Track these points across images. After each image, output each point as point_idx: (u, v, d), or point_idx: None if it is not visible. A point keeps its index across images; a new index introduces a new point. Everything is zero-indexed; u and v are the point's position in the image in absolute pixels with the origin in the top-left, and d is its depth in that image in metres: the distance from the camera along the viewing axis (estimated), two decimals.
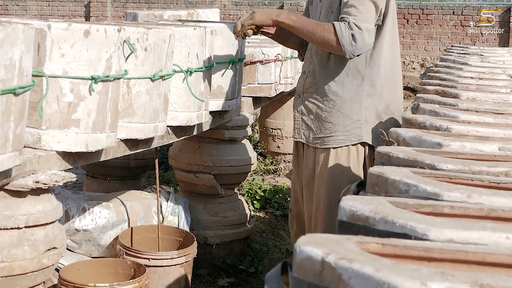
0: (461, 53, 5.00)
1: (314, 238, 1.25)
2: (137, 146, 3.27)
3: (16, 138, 2.34)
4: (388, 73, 3.19)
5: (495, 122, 2.39)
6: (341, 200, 1.46)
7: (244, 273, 4.58)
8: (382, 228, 1.36)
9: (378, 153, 1.95)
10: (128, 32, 2.96)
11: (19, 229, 2.60)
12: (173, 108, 3.46)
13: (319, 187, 3.20)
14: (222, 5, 16.09)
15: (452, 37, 14.86)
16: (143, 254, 3.67)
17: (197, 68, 3.53)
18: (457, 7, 15.20)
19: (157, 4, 16.53)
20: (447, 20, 14.98)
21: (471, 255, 1.20)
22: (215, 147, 4.63)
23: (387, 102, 3.18)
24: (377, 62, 3.15)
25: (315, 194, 3.21)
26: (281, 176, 6.86)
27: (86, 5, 17.18)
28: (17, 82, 2.28)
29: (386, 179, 1.65)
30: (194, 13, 6.71)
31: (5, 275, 2.57)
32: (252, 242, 5.02)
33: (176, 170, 4.76)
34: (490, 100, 2.86)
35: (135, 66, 3.05)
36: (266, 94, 4.88)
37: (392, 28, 3.18)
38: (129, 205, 4.04)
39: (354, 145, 3.17)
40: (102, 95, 2.79)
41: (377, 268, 1.10)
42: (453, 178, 1.67)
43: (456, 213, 1.44)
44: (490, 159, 1.90)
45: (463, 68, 3.82)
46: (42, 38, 2.64)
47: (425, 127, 2.27)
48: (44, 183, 2.58)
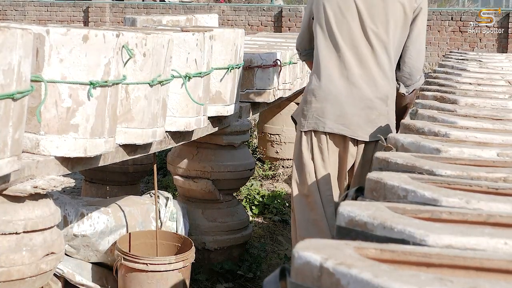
0: (459, 59, 5.00)
1: (312, 244, 1.25)
2: (136, 151, 3.27)
3: (15, 143, 2.34)
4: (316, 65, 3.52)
5: (493, 128, 2.39)
6: (339, 206, 1.46)
7: (242, 279, 4.58)
8: (381, 233, 1.36)
9: (376, 159, 1.95)
10: (126, 37, 2.96)
11: (18, 234, 2.60)
12: (171, 114, 3.46)
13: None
14: (220, 10, 16.10)
15: (451, 43, 14.87)
16: (141, 259, 3.67)
17: (196, 74, 3.53)
18: (455, 13, 15.21)
19: (155, 9, 16.54)
20: (446, 26, 14.99)
21: (470, 260, 1.20)
22: (214, 152, 4.63)
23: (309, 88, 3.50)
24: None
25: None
26: (280, 181, 6.86)
27: (84, 11, 17.19)
28: (16, 87, 2.28)
29: (385, 185, 1.65)
30: (193, 18, 6.71)
31: (3, 280, 2.57)
32: (251, 248, 5.01)
33: (175, 175, 4.76)
34: (488, 106, 2.87)
35: (134, 71, 3.05)
36: (264, 100, 4.88)
37: (322, 32, 3.46)
38: (128, 210, 4.04)
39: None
40: (100, 100, 2.79)
41: (375, 274, 1.10)
42: (452, 184, 1.67)
43: (454, 218, 1.44)
44: (489, 165, 1.90)
45: (462, 74, 3.83)
46: (40, 43, 2.64)
47: (423, 133, 2.27)
48: (42, 188, 2.58)
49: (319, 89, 3.42)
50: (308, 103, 3.45)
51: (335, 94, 3.40)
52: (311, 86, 3.47)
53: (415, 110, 2.69)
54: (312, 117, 3.42)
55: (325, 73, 3.42)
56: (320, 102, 3.41)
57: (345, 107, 3.38)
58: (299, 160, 3.47)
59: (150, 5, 17.06)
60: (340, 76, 3.40)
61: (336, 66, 3.41)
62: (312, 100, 3.43)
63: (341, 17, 3.40)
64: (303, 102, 3.49)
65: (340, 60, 3.41)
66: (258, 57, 4.80)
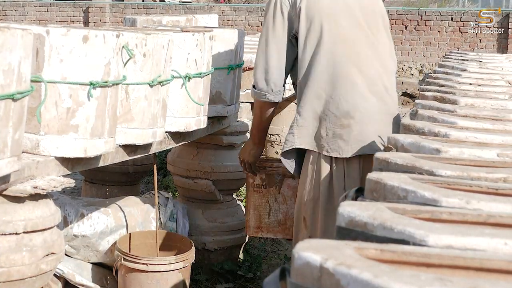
0: (459, 59, 5.00)
1: (312, 244, 1.25)
2: (136, 152, 3.27)
3: (15, 144, 2.34)
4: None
5: (493, 128, 2.39)
6: (339, 206, 1.46)
7: (242, 279, 4.57)
8: (381, 234, 1.36)
9: (376, 159, 1.95)
10: (126, 38, 2.97)
11: (18, 235, 2.60)
12: (171, 114, 3.46)
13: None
14: (220, 11, 16.10)
15: (451, 43, 14.88)
16: (141, 259, 3.67)
17: (196, 74, 3.53)
18: (455, 13, 15.22)
19: (155, 10, 16.55)
20: (446, 26, 15.01)
21: (470, 261, 1.20)
22: (214, 152, 4.63)
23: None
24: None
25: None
26: None
27: (84, 11, 17.19)
28: (16, 87, 2.28)
29: (385, 185, 1.65)
30: (193, 19, 6.71)
31: (3, 280, 2.57)
32: (251, 248, 5.01)
33: (175, 175, 4.76)
34: (488, 106, 2.86)
35: (134, 71, 3.05)
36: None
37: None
38: (128, 210, 4.04)
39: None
40: (100, 100, 2.79)
41: (375, 274, 1.10)
42: (452, 184, 1.67)
43: (454, 219, 1.44)
44: (489, 165, 1.90)
45: (462, 74, 3.82)
46: (40, 44, 2.65)
47: (423, 133, 2.27)
48: (42, 188, 2.58)
49: (355, 109, 3.13)
50: (345, 127, 3.13)
51: (372, 112, 3.15)
52: (343, 107, 3.13)
53: (415, 110, 2.69)
54: (356, 141, 3.11)
55: (351, 89, 3.15)
56: (360, 124, 3.13)
57: (381, 125, 3.13)
58: (327, 190, 3.16)
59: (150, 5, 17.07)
60: (367, 91, 3.17)
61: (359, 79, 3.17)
62: (351, 123, 3.12)
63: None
64: (337, 126, 3.14)
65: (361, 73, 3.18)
66: None
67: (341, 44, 3.18)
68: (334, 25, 3.18)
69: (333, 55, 3.17)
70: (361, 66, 3.19)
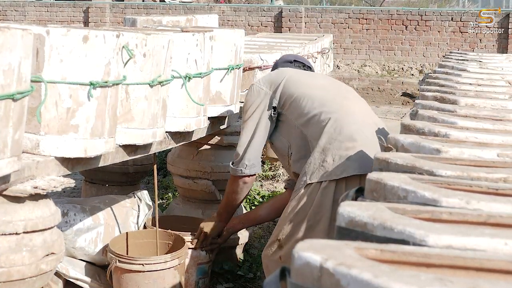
0: (459, 59, 5.00)
1: (312, 244, 1.25)
2: (136, 152, 3.27)
3: (15, 144, 2.34)
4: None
5: (493, 129, 2.39)
6: (339, 206, 1.46)
7: (242, 279, 4.57)
8: (381, 234, 1.36)
9: (376, 159, 1.95)
10: (126, 38, 2.97)
11: (18, 235, 2.60)
12: (171, 114, 3.46)
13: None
14: (220, 11, 16.10)
15: (451, 43, 14.86)
16: (137, 260, 3.66)
17: (196, 74, 3.53)
18: (455, 13, 15.21)
19: (155, 10, 16.54)
20: (446, 26, 14.99)
21: (470, 261, 1.20)
22: (214, 153, 4.63)
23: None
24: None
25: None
26: (280, 182, 6.85)
27: (84, 11, 17.19)
28: (16, 87, 2.28)
29: (385, 185, 1.65)
30: (193, 19, 6.72)
31: (3, 280, 2.57)
32: (251, 248, 5.01)
33: (175, 176, 4.76)
34: (488, 106, 2.86)
35: (134, 71, 3.05)
36: None
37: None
38: (106, 209, 4.02)
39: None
40: (100, 100, 2.79)
41: (375, 274, 1.10)
42: (452, 184, 1.67)
43: (454, 219, 1.44)
44: (489, 165, 1.90)
45: (462, 74, 3.82)
46: (40, 44, 2.65)
47: (423, 133, 2.27)
48: (42, 188, 2.58)
49: (356, 133, 3.28)
50: (350, 149, 3.24)
51: (371, 137, 3.24)
52: (345, 132, 3.29)
53: (415, 110, 2.69)
54: (357, 159, 3.20)
55: (351, 117, 3.36)
56: (363, 146, 3.22)
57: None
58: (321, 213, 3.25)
59: (150, 5, 17.07)
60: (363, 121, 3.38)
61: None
62: (356, 145, 3.24)
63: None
64: (341, 149, 3.26)
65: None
66: (258, 58, 4.80)
67: (330, 94, 3.49)
68: (319, 92, 3.48)
69: (327, 106, 3.40)
70: (354, 104, 3.47)
